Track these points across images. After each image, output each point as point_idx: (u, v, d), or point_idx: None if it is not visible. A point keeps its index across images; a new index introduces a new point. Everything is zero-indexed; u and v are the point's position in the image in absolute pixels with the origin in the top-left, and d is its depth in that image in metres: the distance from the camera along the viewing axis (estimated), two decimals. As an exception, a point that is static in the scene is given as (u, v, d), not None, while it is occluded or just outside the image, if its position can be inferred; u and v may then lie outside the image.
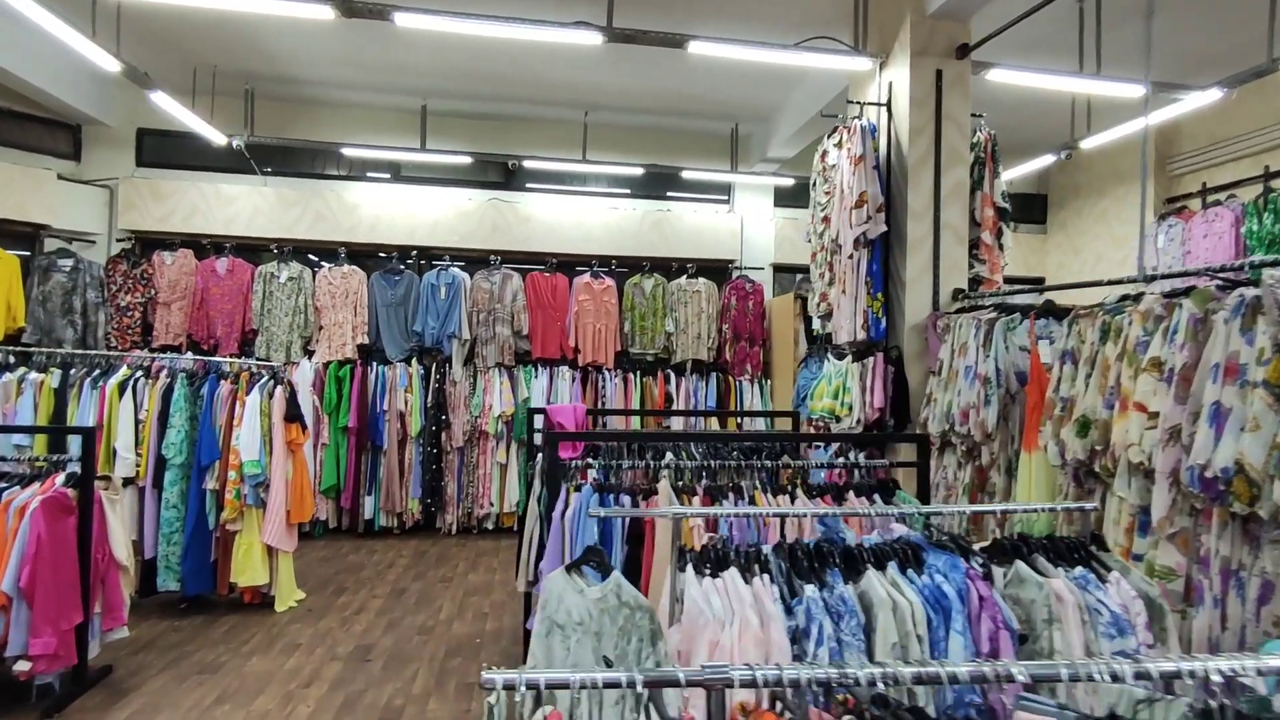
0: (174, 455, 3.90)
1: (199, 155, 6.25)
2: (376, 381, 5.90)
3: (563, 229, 6.57)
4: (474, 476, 6.06)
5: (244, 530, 3.99)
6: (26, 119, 5.77)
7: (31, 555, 2.79)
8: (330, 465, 5.76)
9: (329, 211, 6.24)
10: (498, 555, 5.45)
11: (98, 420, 3.92)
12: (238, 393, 4.04)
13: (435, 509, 6.00)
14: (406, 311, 6.17)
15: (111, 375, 4.04)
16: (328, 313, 6.02)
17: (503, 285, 6.25)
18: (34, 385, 3.93)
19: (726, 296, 6.68)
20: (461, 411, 6.04)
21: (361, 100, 6.34)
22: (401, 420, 5.92)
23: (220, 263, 5.95)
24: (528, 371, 6.22)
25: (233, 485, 3.91)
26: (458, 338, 6.10)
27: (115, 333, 5.80)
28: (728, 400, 6.55)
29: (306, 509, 4.19)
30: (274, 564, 4.10)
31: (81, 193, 5.94)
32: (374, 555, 5.35)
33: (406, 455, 5.94)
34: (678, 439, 3.31)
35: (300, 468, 4.18)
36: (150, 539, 3.95)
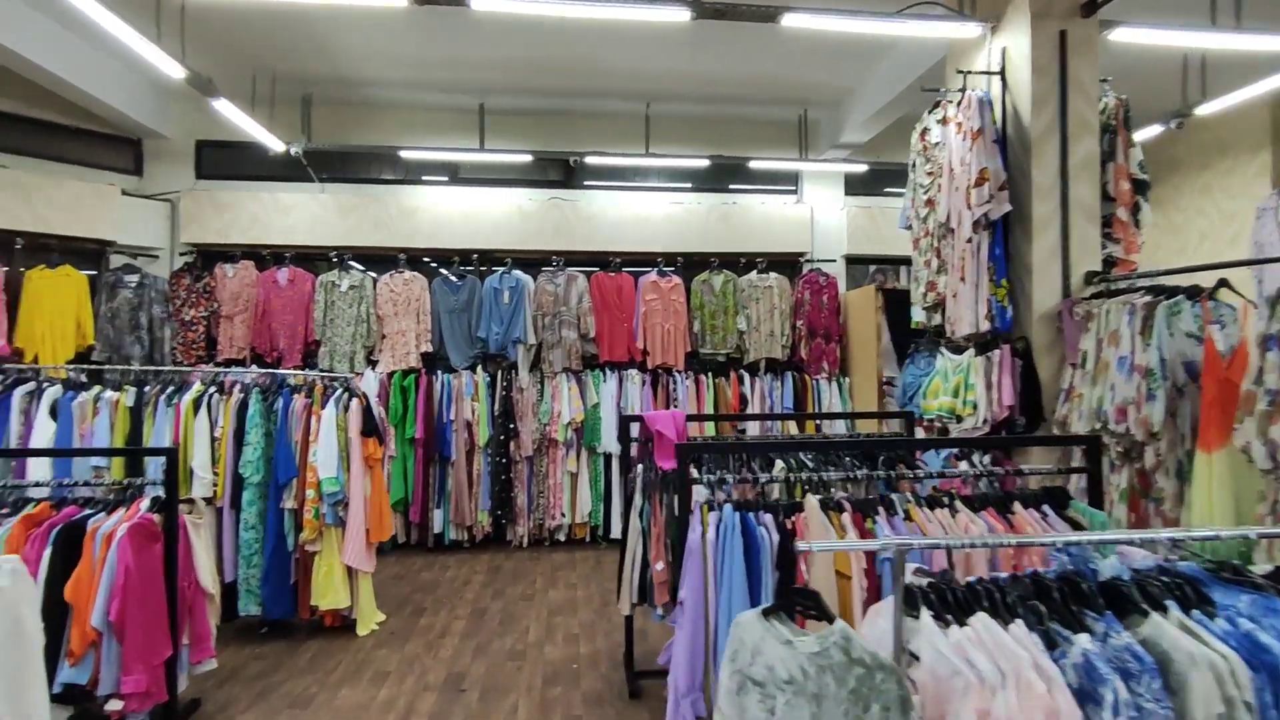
0: (251, 474, 3.73)
1: (257, 165, 6.15)
2: (442, 391, 5.71)
3: (626, 226, 6.31)
4: (544, 487, 5.84)
5: (323, 551, 3.80)
6: (91, 136, 5.73)
7: (120, 587, 2.62)
8: (398, 478, 5.59)
9: (387, 217, 6.08)
10: (574, 569, 5.21)
11: (173, 439, 3.77)
12: (312, 407, 3.85)
13: (505, 521, 5.78)
14: (470, 317, 5.97)
15: (185, 392, 3.89)
16: (390, 321, 5.85)
17: (567, 287, 6.01)
18: (109, 404, 3.80)
19: (799, 291, 6.35)
20: (530, 419, 5.81)
21: (419, 101, 6.17)
22: (469, 430, 5.72)
23: (281, 273, 5.82)
24: (596, 376, 5.97)
25: (311, 504, 3.73)
26: (523, 343, 5.89)
27: (181, 348, 5.71)
28: (805, 400, 6.21)
29: (386, 528, 3.99)
30: (354, 586, 3.91)
31: (144, 207, 5.87)
32: (447, 571, 5.15)
33: (475, 466, 5.73)
34: (803, 447, 3.01)
35: (378, 484, 3.98)
36: (230, 561, 3.78)
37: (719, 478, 2.40)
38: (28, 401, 3.78)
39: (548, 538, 5.86)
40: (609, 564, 5.32)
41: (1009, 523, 2.22)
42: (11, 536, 2.64)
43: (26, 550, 2.63)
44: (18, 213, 5.13)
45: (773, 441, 3.50)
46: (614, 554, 5.50)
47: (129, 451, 3.65)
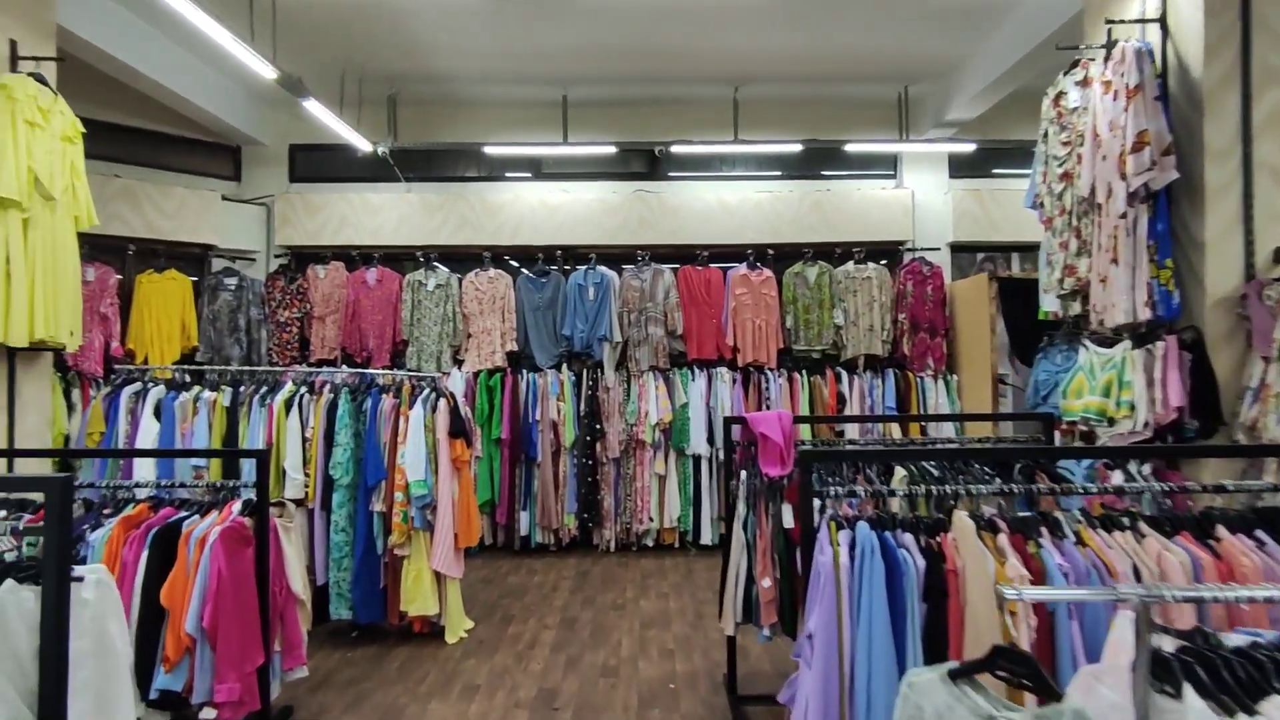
0: (341, 475, 3.68)
1: (346, 167, 6.22)
2: (528, 390, 5.59)
3: (714, 217, 6.03)
4: (631, 489, 5.63)
5: (412, 555, 3.71)
6: (194, 144, 5.92)
7: (213, 592, 2.55)
8: (484, 479, 5.50)
9: (472, 214, 6.02)
10: (665, 578, 4.97)
11: (267, 439, 3.77)
12: (400, 407, 3.77)
13: (592, 525, 5.61)
14: (554, 315, 5.83)
15: (278, 392, 3.88)
16: (475, 319, 5.78)
17: (653, 282, 5.78)
18: (208, 404, 3.83)
19: (901, 282, 5.89)
20: (616, 420, 5.62)
21: (502, 95, 6.07)
22: (554, 431, 5.58)
23: (370, 273, 5.85)
24: (684, 374, 5.72)
25: (399, 507, 3.64)
26: (609, 341, 5.70)
27: (276, 348, 5.82)
28: (908, 400, 5.76)
29: (474, 532, 3.86)
30: (443, 592, 3.80)
31: (242, 212, 6.03)
32: (535, 576, 5.01)
33: (561, 467, 5.59)
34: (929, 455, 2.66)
35: (466, 487, 3.86)
36: (321, 564, 3.75)
37: (848, 489, 2.08)
38: (134, 401, 3.86)
39: (635, 542, 5.65)
40: (700, 572, 5.07)
41: (1214, 552, 1.83)
42: (112, 538, 2.62)
43: (125, 552, 2.61)
44: (130, 219, 5.34)
45: (898, 448, 3.15)
46: (705, 562, 5.25)
47: (221, 453, 3.65)
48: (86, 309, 5.00)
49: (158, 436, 3.79)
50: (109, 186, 5.26)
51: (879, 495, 2.45)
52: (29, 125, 3.37)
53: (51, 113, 3.54)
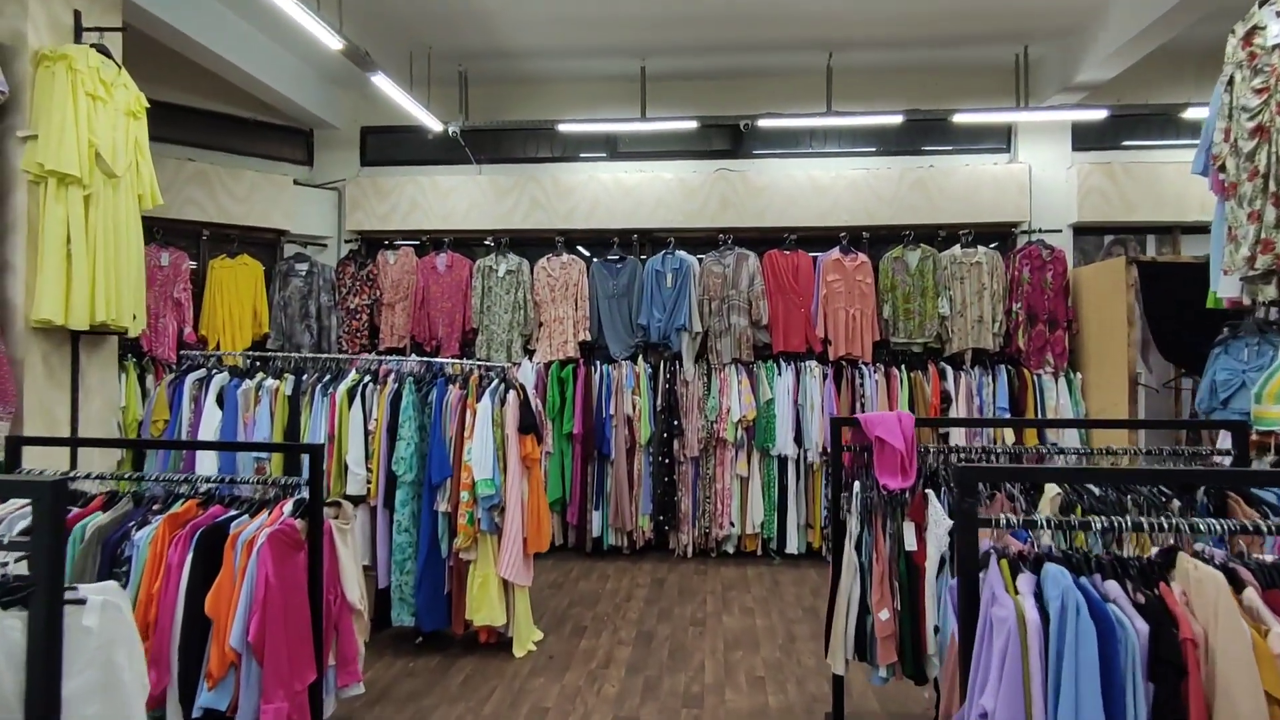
0: (404, 471, 3.41)
1: (417, 149, 6.03)
2: (601, 383, 5.26)
3: (803, 197, 5.53)
4: (711, 491, 5.22)
5: (478, 560, 3.42)
6: (268, 128, 5.83)
7: (260, 601, 2.30)
8: (555, 476, 5.20)
9: (544, 197, 5.72)
10: (748, 590, 4.54)
11: (329, 430, 3.55)
12: (467, 399, 3.48)
13: (668, 527, 5.23)
14: (630, 303, 5.47)
15: (341, 381, 3.66)
16: (547, 307, 5.48)
17: (737, 268, 5.34)
18: (270, 393, 3.64)
19: (1016, 268, 5.25)
20: (695, 416, 5.22)
21: (577, 70, 5.73)
22: (629, 426, 5.22)
23: (440, 259, 5.63)
24: (769, 368, 5.26)
25: (465, 508, 3.35)
26: (687, 331, 5.29)
27: (346, 336, 5.68)
28: (1023, 401, 5.13)
29: (544, 537, 3.54)
30: (510, 600, 3.49)
31: (314, 196, 5.91)
32: (607, 582, 4.67)
33: (636, 466, 5.23)
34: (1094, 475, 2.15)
35: (536, 487, 3.54)
36: (383, 566, 3.50)
37: (1028, 517, 1.61)
38: (198, 389, 3.71)
39: (714, 548, 5.25)
40: (787, 586, 4.62)
41: None
42: (156, 538, 2.40)
43: (171, 554, 2.38)
44: (203, 204, 5.27)
45: (1064, 468, 2.64)
46: (791, 574, 4.80)
47: (274, 447, 3.45)
48: (161, 294, 4.96)
49: (220, 425, 3.62)
50: (183, 170, 5.20)
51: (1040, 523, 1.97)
52: (91, 98, 3.22)
53: (115, 86, 3.39)
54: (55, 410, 3.25)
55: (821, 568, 4.97)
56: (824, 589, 4.46)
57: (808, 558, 5.16)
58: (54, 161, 3.04)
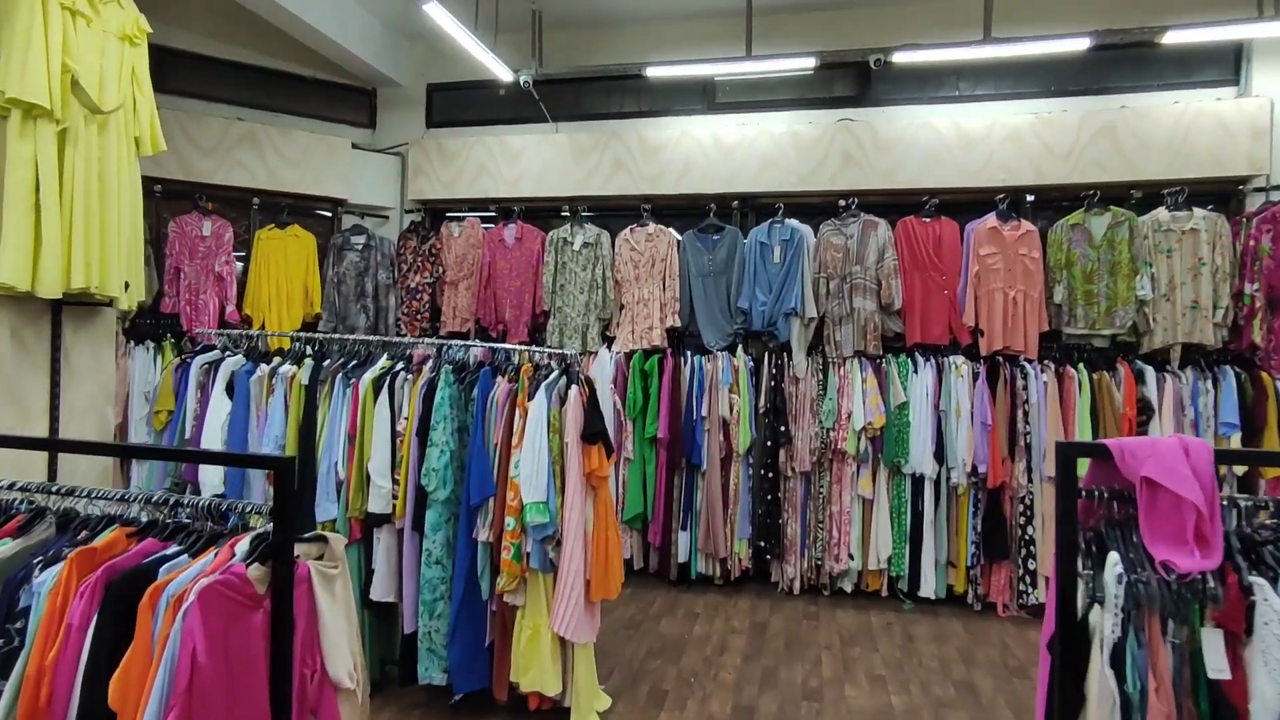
0: (435, 486, 2.64)
1: (487, 106, 5.31)
2: (692, 378, 4.36)
3: (947, 153, 4.42)
4: (825, 515, 4.23)
5: (528, 606, 2.61)
6: (327, 86, 5.27)
7: (182, 691, 1.56)
8: (635, 487, 4.36)
9: (629, 157, 4.86)
10: (875, 647, 3.54)
11: (349, 429, 2.83)
12: (518, 395, 2.66)
13: (770, 556, 4.29)
14: (729, 282, 4.54)
15: (369, 368, 2.93)
16: (630, 287, 4.63)
17: (862, 239, 4.30)
18: (285, 381, 2.97)
19: (1250, 236, 3.96)
20: (807, 421, 4.24)
21: (668, 4, 4.83)
22: (725, 431, 4.30)
23: (508, 230, 4.88)
24: (902, 364, 4.20)
25: (510, 539, 2.54)
26: (799, 316, 4.31)
27: (405, 318, 5.04)
28: (1262, 412, 3.85)
29: (613, 580, 2.69)
30: (568, 660, 2.67)
31: (374, 163, 5.30)
32: (695, 624, 3.78)
33: (732, 479, 4.31)
34: None
35: (605, 514, 2.69)
36: (410, 606, 2.75)
37: None
38: (205, 374, 3.09)
39: (828, 585, 4.25)
40: (924, 642, 3.58)
41: None
42: (59, 585, 1.71)
43: (74, 609, 1.68)
44: (252, 168, 4.75)
45: None
46: (927, 625, 3.70)
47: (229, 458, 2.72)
48: (202, 267, 4.45)
49: (229, 418, 2.98)
50: (231, 131, 4.68)
51: None
52: (69, 13, 2.61)
53: (105, 2, 2.79)
54: (28, 397, 2.68)
55: (967, 618, 3.89)
56: (977, 653, 3.41)
57: (947, 604, 4.08)
58: (16, 88, 2.44)
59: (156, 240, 4.50)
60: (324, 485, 2.82)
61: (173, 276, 4.45)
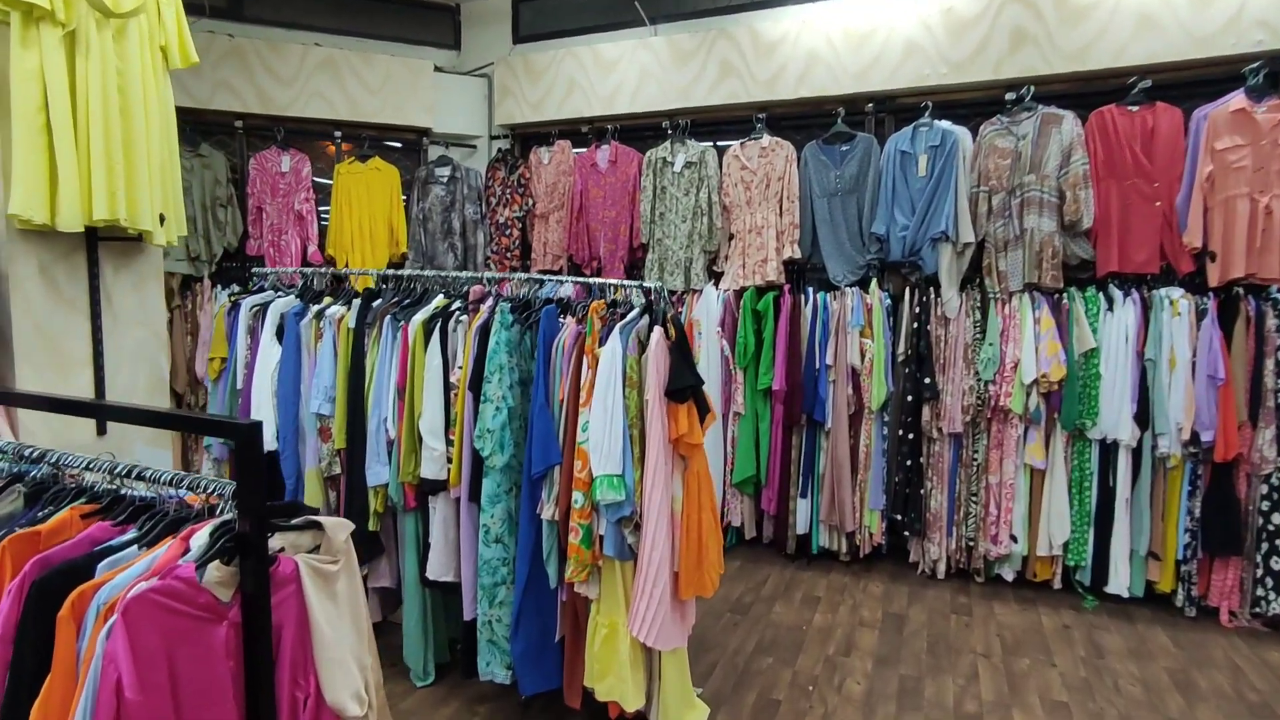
0: (491, 451, 2.17)
1: (576, 12, 4.69)
2: (815, 319, 3.65)
3: (1167, 12, 3.31)
4: (979, 486, 3.45)
5: (603, 600, 2.12)
6: (408, 5, 4.83)
7: (109, 730, 1.17)
8: (747, 446, 3.76)
9: (738, 58, 4.09)
10: (1050, 659, 2.79)
11: (398, 382, 2.41)
12: (586, 340, 2.11)
13: (908, 532, 3.57)
14: (859, 203, 3.74)
15: (422, 307, 2.48)
16: (740, 213, 3.93)
17: (1039, 139, 3.35)
18: (333, 324, 2.59)
19: None
20: (958, 372, 3.43)
21: None
22: (854, 383, 3.58)
23: (601, 153, 4.30)
24: (1091, 299, 3.27)
25: (579, 518, 2.03)
26: (950, 241, 3.46)
27: (494, 256, 4.64)
28: None
29: (708, 574, 2.12)
30: (654, 664, 2.17)
31: (459, 86, 4.85)
32: (814, 612, 3.18)
33: (863, 440, 3.60)
34: None
35: (698, 489, 2.11)
36: (469, 590, 2.34)
37: None
38: (255, 318, 2.78)
39: (981, 570, 3.50)
40: (1118, 657, 2.79)
41: None
42: (-8, 577, 1.37)
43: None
44: (332, 98, 4.42)
45: None
46: (1120, 632, 2.77)
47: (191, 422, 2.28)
48: (283, 206, 4.21)
49: (278, 365, 2.65)
50: (309, 58, 4.35)
51: None
52: (69, -106, 2.25)
53: (115, -117, 2.41)
54: (67, 345, 2.44)
55: (1175, 627, 3.03)
56: (1197, 677, 2.58)
57: (1146, 605, 3.22)
58: (9, -18, 2.11)
59: (240, 179, 4.30)
60: (374, 445, 2.44)
61: (256, 217, 4.25)
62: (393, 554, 2.57)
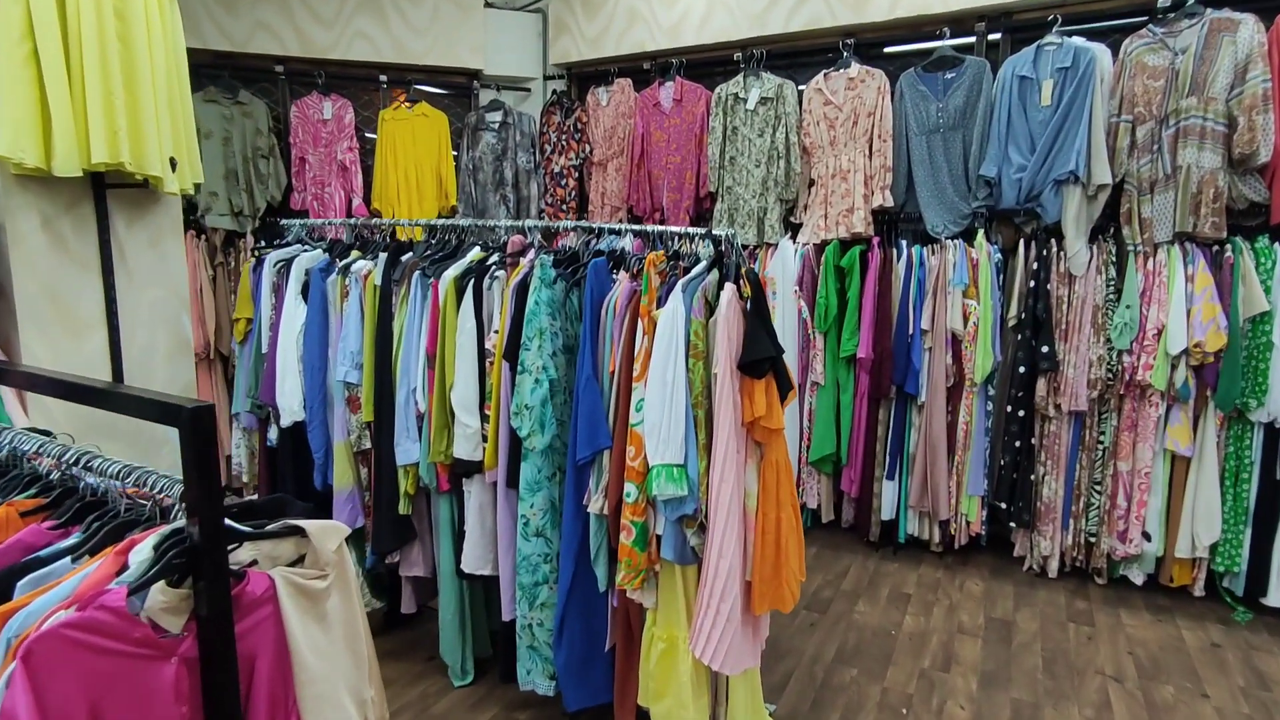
0: (530, 430, 1.84)
1: (639, -67, 4.18)
2: (908, 276, 3.16)
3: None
4: (1106, 473, 2.93)
5: (661, 609, 1.78)
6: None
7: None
8: (826, 420, 3.34)
9: (825, -26, 3.55)
10: (1202, 690, 2.32)
11: (428, 346, 2.10)
12: (641, 300, 1.74)
13: (1015, 521, 3.10)
14: (965, 140, 3.19)
15: (457, 261, 2.16)
16: (823, 155, 3.44)
17: (1203, 53, 2.72)
18: (359, 281, 2.30)
19: None
20: (1085, 339, 2.90)
21: None
22: (954, 350, 3.09)
23: (665, 91, 3.85)
24: (1264, 252, 2.67)
25: (631, 515, 1.69)
26: (1080, 183, 2.90)
27: (549, 208, 4.29)
28: None
29: (788, 585, 1.74)
30: (719, 687, 1.83)
31: (512, 24, 4.45)
32: (904, 613, 2.78)
33: (962, 416, 3.12)
34: None
35: (776, 482, 1.73)
36: (507, 587, 2.04)
37: None
38: (279, 275, 2.52)
39: (1102, 570, 3.00)
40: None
41: None
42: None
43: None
44: (376, 39, 4.10)
45: None
46: None
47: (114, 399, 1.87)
48: (325, 156, 3.95)
49: (303, 327, 2.39)
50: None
51: None
52: None
53: None
54: (76, 303, 2.23)
55: (1358, 652, 2.49)
56: None
57: (1313, 619, 2.68)
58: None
59: (284, 129, 4.06)
60: (403, 419, 2.15)
61: (299, 169, 4.01)
62: (426, 540, 2.30)
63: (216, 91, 3.78)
